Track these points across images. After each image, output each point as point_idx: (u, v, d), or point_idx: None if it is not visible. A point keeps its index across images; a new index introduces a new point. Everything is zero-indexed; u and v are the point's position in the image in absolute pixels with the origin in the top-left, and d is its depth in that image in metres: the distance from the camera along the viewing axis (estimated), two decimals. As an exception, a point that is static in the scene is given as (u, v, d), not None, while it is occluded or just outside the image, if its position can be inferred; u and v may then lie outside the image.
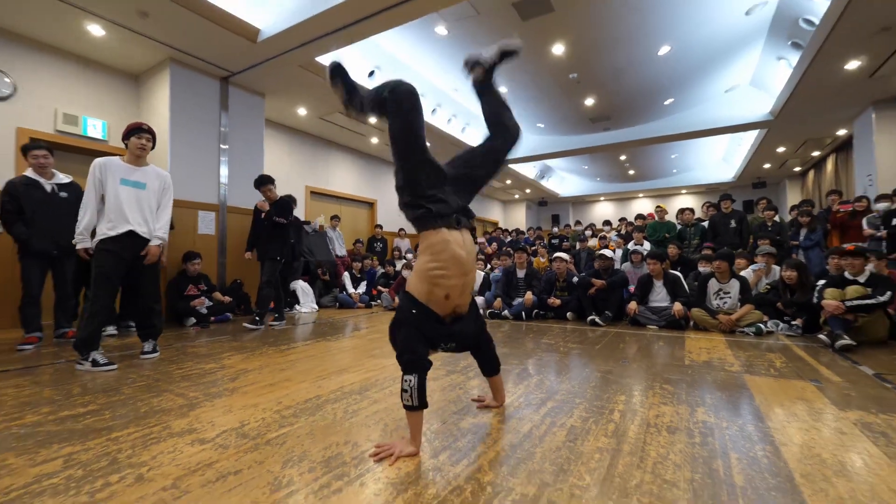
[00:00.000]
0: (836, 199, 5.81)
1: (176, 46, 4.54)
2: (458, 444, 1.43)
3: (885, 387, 2.11)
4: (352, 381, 2.20)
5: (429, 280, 1.38)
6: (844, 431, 1.54)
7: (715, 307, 4.04)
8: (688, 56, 6.06)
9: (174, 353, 2.97)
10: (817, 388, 2.10)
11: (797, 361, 2.69)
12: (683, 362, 2.68)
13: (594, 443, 1.44)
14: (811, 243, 5.42)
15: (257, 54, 4.73)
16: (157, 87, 4.90)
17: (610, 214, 15.19)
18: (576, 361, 2.73)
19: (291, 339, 3.51)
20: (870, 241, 4.86)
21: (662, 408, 1.80)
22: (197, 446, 1.41)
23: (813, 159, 9.95)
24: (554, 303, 4.83)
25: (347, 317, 5.13)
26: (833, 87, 5.82)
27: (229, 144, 5.30)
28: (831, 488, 1.14)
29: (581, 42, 5.58)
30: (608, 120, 8.31)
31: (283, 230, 4.35)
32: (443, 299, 1.39)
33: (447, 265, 1.37)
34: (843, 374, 2.37)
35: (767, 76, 6.55)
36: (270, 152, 6.78)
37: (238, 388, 2.09)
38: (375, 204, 9.21)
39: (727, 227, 5.75)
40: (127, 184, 2.73)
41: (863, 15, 4.19)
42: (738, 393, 2.03)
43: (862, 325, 3.11)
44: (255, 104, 5.71)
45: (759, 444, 1.43)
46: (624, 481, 1.18)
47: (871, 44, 4.74)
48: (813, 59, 5.05)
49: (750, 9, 5.01)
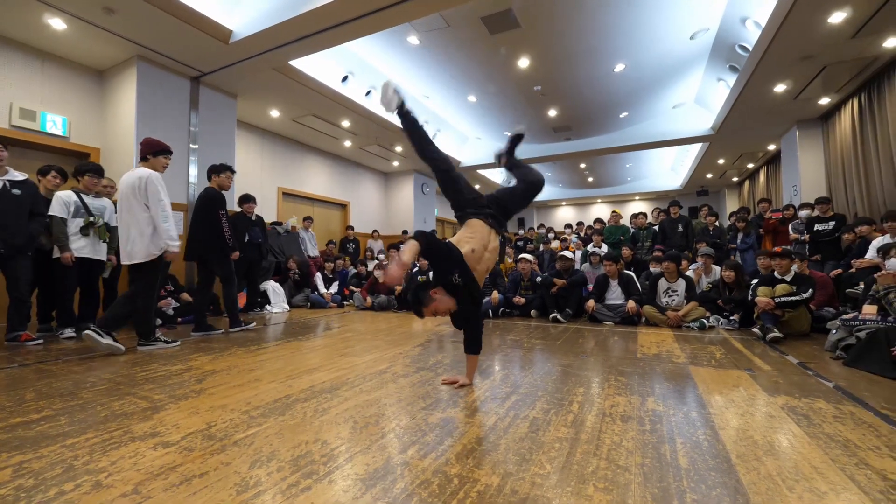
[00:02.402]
0: (766, 206, 6.21)
1: (144, 44, 4.29)
2: (427, 438, 1.42)
3: (807, 374, 2.28)
4: (322, 380, 2.15)
5: (464, 237, 1.99)
6: (773, 415, 1.64)
7: (664, 304, 4.23)
8: (640, 74, 6.32)
9: (138, 355, 2.79)
10: (751, 376, 2.23)
11: (734, 353, 2.86)
12: (636, 355, 2.78)
13: (554, 433, 1.46)
14: (746, 246, 5.77)
15: (229, 55, 4.54)
16: (123, 84, 4.61)
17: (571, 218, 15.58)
18: (539, 356, 2.78)
19: (261, 340, 3.39)
20: (795, 244, 5.23)
21: (617, 398, 1.86)
22: (160, 450, 1.33)
23: (748, 170, 10.62)
24: (519, 301, 4.91)
25: (319, 316, 5.01)
26: (764, 106, 6.23)
27: (199, 144, 5.06)
28: (762, 466, 1.21)
29: (545, 57, 5.71)
30: (569, 130, 8.54)
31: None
32: (470, 252, 1.91)
33: (474, 233, 2.00)
34: (773, 363, 2.54)
35: (709, 95, 6.94)
36: (242, 153, 6.53)
37: (205, 390, 1.99)
38: (348, 206, 9.05)
39: (675, 230, 6.04)
40: None
41: (787, 44, 4.52)
42: (683, 383, 2.12)
43: (788, 319, 3.34)
44: (226, 105, 5.48)
45: (700, 429, 1.51)
46: (581, 468, 1.21)
47: (795, 70, 5.11)
48: (747, 81, 5.39)
49: (694, 34, 5.30)
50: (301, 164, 7.90)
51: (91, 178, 3.58)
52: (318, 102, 6.04)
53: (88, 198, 3.58)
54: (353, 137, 7.62)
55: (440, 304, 1.83)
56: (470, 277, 1.88)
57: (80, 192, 3.54)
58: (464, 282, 1.86)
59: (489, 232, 2.03)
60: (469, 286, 1.89)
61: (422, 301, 1.82)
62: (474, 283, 1.92)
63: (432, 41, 5.32)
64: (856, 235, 4.49)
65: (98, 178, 3.64)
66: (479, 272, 1.96)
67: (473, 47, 5.43)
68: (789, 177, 7.25)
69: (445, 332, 3.77)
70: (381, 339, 3.45)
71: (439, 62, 5.91)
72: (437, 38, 5.25)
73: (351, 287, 6.49)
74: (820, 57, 4.80)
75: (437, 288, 1.84)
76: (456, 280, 1.84)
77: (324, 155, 8.43)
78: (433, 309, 1.83)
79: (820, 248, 4.89)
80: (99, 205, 3.64)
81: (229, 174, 3.85)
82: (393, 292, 5.83)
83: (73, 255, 3.38)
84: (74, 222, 3.45)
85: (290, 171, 7.67)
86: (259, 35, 4.13)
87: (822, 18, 4.08)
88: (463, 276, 1.85)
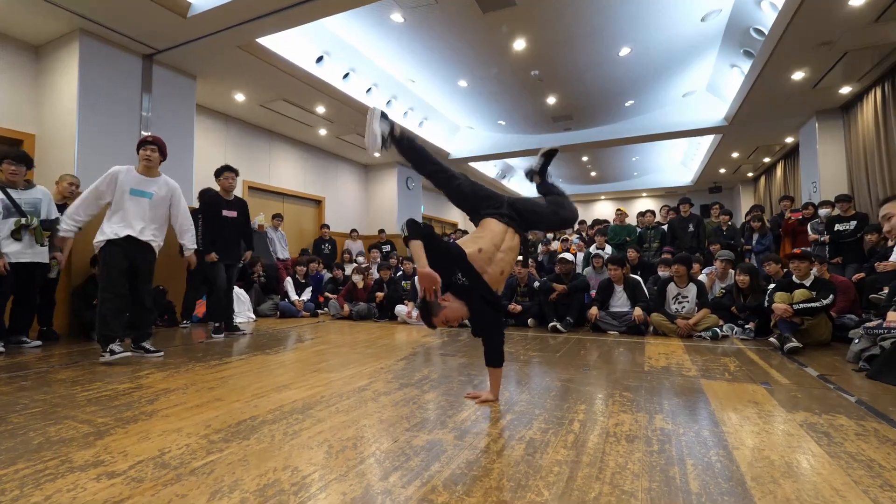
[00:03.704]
0: (788, 204, 6.36)
1: (87, 16, 4.20)
2: (411, 463, 1.41)
3: (827, 387, 2.33)
4: (293, 399, 2.12)
5: (472, 237, 2.02)
6: (791, 433, 1.68)
7: (673, 312, 4.30)
8: (647, 58, 6.43)
9: (80, 371, 2.72)
10: (767, 390, 2.28)
11: (750, 365, 2.91)
12: (643, 368, 2.82)
13: (553, 455, 1.47)
14: (763, 247, 5.90)
15: (188, 31, 4.48)
16: (62, 62, 4.51)
17: (572, 217, 15.76)
18: (536, 370, 2.79)
19: (224, 354, 3.34)
20: (814, 245, 5.37)
21: (622, 416, 1.88)
22: (104, 481, 1.30)
23: (764, 165, 10.87)
24: (514, 310, 4.93)
25: (290, 327, 4.96)
26: (781, 95, 6.39)
27: (153, 131, 4.97)
28: (779, 489, 1.24)
29: (543, 38, 5.77)
30: (570, 120, 8.63)
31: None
32: (476, 252, 1.91)
33: (483, 232, 2.02)
34: (791, 376, 2.59)
35: (722, 83, 7.09)
36: (203, 142, 6.44)
37: (158, 411, 1.95)
38: (323, 202, 9.00)
39: (685, 230, 6.14)
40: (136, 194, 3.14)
41: (805, 28, 4.65)
42: (694, 398, 2.16)
43: (807, 328, 3.42)
44: (184, 87, 5.41)
45: (713, 448, 1.53)
46: (582, 494, 1.21)
47: (813, 56, 5.26)
48: (763, 68, 5.52)
49: (705, 15, 5.41)
50: (270, 155, 7.83)
51: (10, 166, 3.35)
52: (289, 85, 6.00)
53: (17, 192, 3.39)
54: (329, 125, 7.58)
55: (450, 311, 1.84)
56: (475, 277, 1.88)
57: (5, 187, 3.35)
58: (470, 283, 1.86)
59: (504, 230, 2.01)
60: (478, 288, 1.89)
61: (430, 310, 1.82)
62: (482, 283, 1.91)
63: (418, 19, 5.33)
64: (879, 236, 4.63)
65: (18, 166, 3.39)
66: (492, 274, 1.94)
67: (464, 27, 5.46)
68: (808, 172, 7.44)
69: (432, 343, 3.77)
70: (360, 351, 3.43)
71: (426, 43, 5.92)
72: (423, 16, 5.26)
73: (326, 294, 6.44)
74: (840, 42, 4.94)
75: (447, 294, 1.85)
76: (460, 280, 1.85)
77: (296, 145, 8.36)
78: (444, 318, 1.84)
79: (841, 250, 5.03)
80: (30, 198, 3.43)
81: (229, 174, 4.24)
82: (374, 299, 5.80)
83: (6, 263, 3.25)
84: (5, 225, 3.29)
85: (258, 162, 7.59)
86: (222, 8, 4.09)
87: (843, 1, 4.21)
88: (467, 275, 1.86)
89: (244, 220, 4.40)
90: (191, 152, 5.46)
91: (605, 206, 15.76)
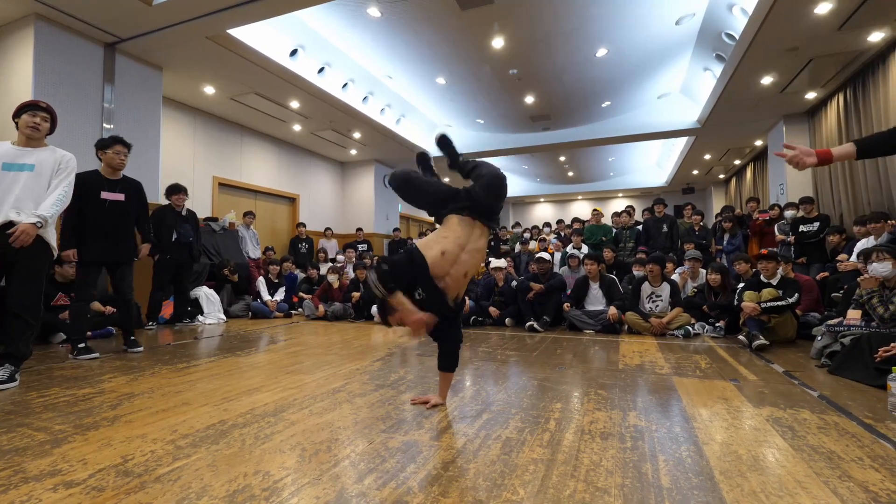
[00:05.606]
0: (755, 206, 6.63)
1: (43, 0, 4.01)
2: (386, 465, 1.41)
3: (792, 383, 2.44)
4: (265, 402, 2.08)
5: (434, 239, 1.92)
6: (758, 428, 1.75)
7: (647, 310, 4.41)
8: (623, 60, 6.58)
9: (35, 377, 2.60)
10: (736, 387, 2.37)
11: (720, 362, 3.02)
12: (618, 366, 2.89)
13: (529, 454, 1.49)
14: (733, 247, 6.13)
15: (153, 19, 4.33)
16: (15, 49, 4.29)
17: (549, 216, 15.97)
18: (513, 370, 2.82)
19: (192, 356, 3.25)
20: (781, 245, 5.61)
21: (597, 414, 1.92)
22: (62, 491, 1.25)
23: (735, 167, 11.28)
24: (494, 313, 4.98)
25: (262, 328, 4.86)
26: (751, 99, 6.65)
27: (115, 124, 4.79)
28: (746, 483, 1.29)
29: (521, 37, 5.82)
30: (548, 119, 8.75)
31: None
32: (439, 255, 1.83)
33: (447, 233, 1.91)
34: (758, 372, 2.71)
35: (695, 85, 7.32)
36: (170, 135, 6.24)
37: (121, 417, 1.88)
38: (298, 199, 8.85)
39: (659, 231, 6.32)
40: (11, 168, 2.56)
41: (774, 34, 4.85)
42: (667, 395, 2.22)
43: (774, 325, 3.57)
44: (150, 78, 5.23)
45: (684, 444, 1.58)
46: (558, 492, 1.24)
47: (781, 62, 5.49)
48: (734, 72, 5.73)
49: (680, 18, 5.57)
50: (241, 151, 7.65)
51: None
52: (261, 79, 5.87)
53: None
54: (304, 121, 7.46)
55: (404, 315, 1.77)
56: (434, 293, 1.80)
57: None
58: (428, 297, 1.79)
59: (471, 228, 1.91)
60: (435, 303, 1.81)
61: (385, 311, 1.81)
62: (440, 299, 1.83)
63: (396, 14, 5.30)
64: (840, 237, 4.87)
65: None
66: (455, 277, 1.86)
67: (442, 23, 5.46)
68: (776, 174, 7.76)
69: (408, 344, 3.76)
70: (334, 353, 3.40)
71: (404, 38, 5.90)
72: (401, 11, 5.23)
73: (300, 294, 6.34)
74: (806, 49, 5.18)
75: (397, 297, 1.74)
76: (419, 296, 1.78)
77: (269, 140, 8.20)
78: (398, 319, 1.82)
79: (805, 250, 5.27)
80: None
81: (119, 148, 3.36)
82: (349, 299, 5.75)
83: None
84: None
85: (228, 158, 7.40)
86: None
87: (809, 9, 4.40)
88: (426, 290, 1.79)
89: (138, 205, 3.53)
90: (157, 147, 5.28)
91: (582, 205, 16.05)
